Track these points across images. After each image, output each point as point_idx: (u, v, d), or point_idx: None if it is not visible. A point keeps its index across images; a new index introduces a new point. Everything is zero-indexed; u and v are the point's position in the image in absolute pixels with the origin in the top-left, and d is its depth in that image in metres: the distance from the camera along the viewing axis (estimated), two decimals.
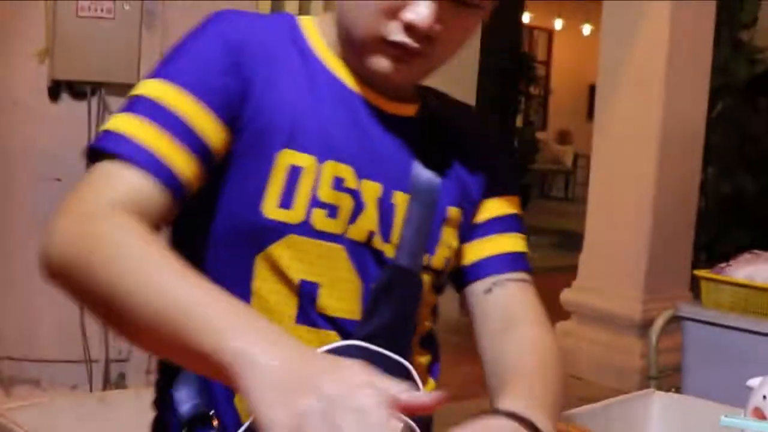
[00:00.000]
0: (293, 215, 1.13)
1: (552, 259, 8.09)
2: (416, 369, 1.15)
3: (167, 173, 1.06)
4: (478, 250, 1.31)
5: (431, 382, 1.26)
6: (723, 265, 3.34)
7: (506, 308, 1.30)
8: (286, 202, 1.13)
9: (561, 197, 13.52)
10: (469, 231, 1.30)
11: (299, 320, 1.14)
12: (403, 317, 1.21)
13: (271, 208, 1.13)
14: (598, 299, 5.11)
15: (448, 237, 1.26)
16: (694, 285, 3.87)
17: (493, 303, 1.30)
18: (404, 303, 1.20)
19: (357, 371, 0.85)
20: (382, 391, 0.82)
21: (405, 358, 1.15)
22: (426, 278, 1.24)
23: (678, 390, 3.20)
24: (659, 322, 3.39)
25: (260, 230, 1.13)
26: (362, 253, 1.17)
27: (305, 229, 1.14)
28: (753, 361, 3.05)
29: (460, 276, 1.32)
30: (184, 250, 1.15)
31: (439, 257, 1.24)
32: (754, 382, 1.41)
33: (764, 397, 1.37)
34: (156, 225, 1.05)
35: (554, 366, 1.24)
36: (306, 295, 1.14)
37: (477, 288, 1.31)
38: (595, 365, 5.03)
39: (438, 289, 1.29)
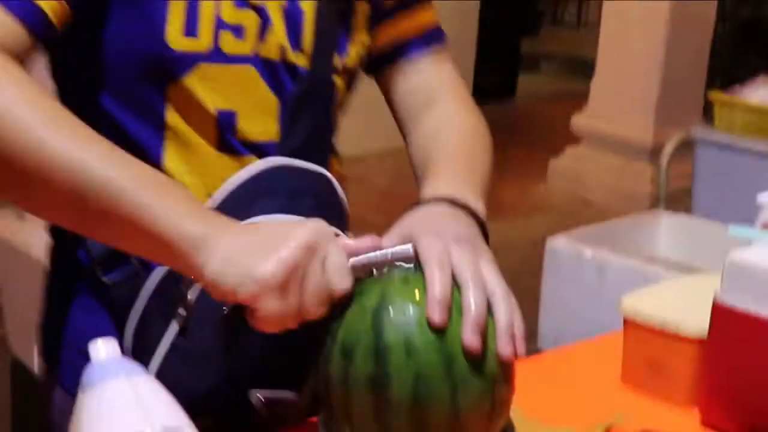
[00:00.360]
0: (201, 43, 1.07)
1: (564, 85, 8.01)
2: (336, 177, 1.15)
3: (29, 11, 0.97)
4: (386, 33, 1.25)
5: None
6: (738, 87, 3.30)
7: (423, 87, 1.26)
8: (191, 30, 1.06)
9: (573, 23, 13.26)
10: (375, 16, 1.24)
11: (219, 149, 1.10)
12: (320, 128, 1.18)
13: (176, 39, 1.06)
14: (609, 124, 5.09)
15: (360, 34, 1.21)
16: (707, 113, 3.83)
17: (409, 85, 1.26)
18: (320, 113, 1.17)
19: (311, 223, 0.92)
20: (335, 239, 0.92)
21: (325, 167, 1.15)
22: (340, 81, 1.19)
23: (687, 212, 3.21)
24: (671, 144, 3.38)
25: (169, 63, 1.07)
26: (275, 70, 1.12)
27: (215, 55, 1.08)
28: (764, 184, 3.05)
29: (372, 63, 1.26)
30: (81, 92, 1.10)
31: (352, 57, 1.20)
32: (764, 197, 1.39)
33: None
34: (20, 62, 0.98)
35: (479, 143, 1.23)
36: (224, 123, 1.10)
37: (391, 73, 1.27)
38: (605, 190, 5.05)
39: (350, 86, 1.24)
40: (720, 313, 1.09)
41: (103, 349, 0.70)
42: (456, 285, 0.92)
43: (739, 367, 1.10)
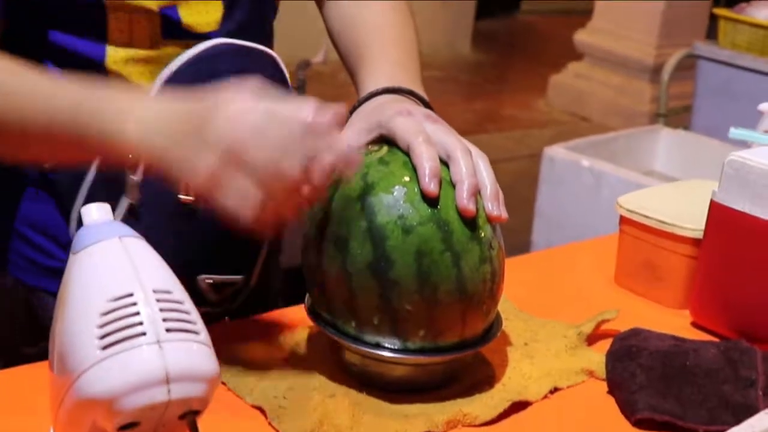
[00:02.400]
0: None
1: (568, 1, 7.91)
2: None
3: None
4: None
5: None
6: (743, 4, 3.27)
7: None
8: None
9: None
10: None
11: (165, 38, 1.07)
12: (260, 7, 1.14)
13: None
14: (611, 41, 5.04)
15: None
16: (711, 34, 3.80)
17: None
18: None
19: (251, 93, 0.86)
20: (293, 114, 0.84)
21: (269, 47, 1.11)
22: None
23: (686, 129, 3.20)
24: (674, 58, 3.36)
25: None
26: None
27: None
28: (764, 102, 3.04)
29: None
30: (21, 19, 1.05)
31: None
32: (765, 106, 1.38)
33: None
34: None
35: (402, 17, 1.19)
36: (167, 19, 1.06)
37: None
38: (604, 108, 5.03)
39: None
40: (717, 213, 1.09)
41: (95, 212, 0.69)
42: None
43: (732, 267, 1.10)
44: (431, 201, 0.89)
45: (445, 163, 0.93)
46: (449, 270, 0.89)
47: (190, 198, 0.96)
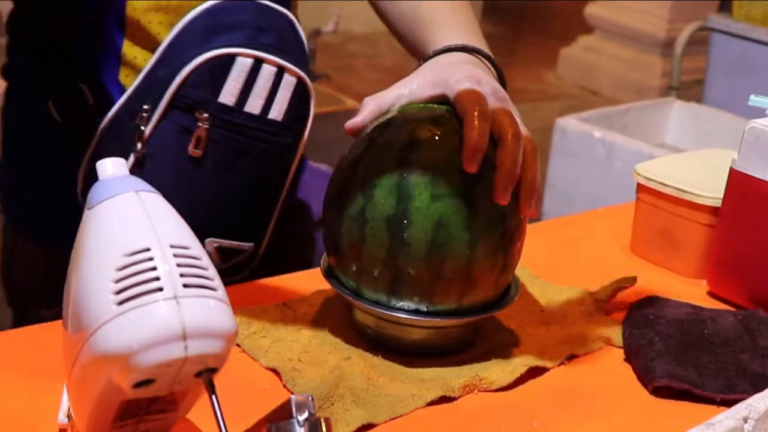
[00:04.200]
0: None
1: None
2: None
3: None
4: None
5: None
6: None
7: None
8: None
9: None
10: None
11: None
12: None
13: None
14: (623, 15, 5.00)
15: None
16: (723, 8, 3.77)
17: None
18: None
19: None
20: None
21: (287, 9, 1.11)
22: None
23: (698, 103, 3.18)
24: (687, 31, 3.33)
25: None
26: None
27: None
28: None
29: None
30: None
31: None
32: None
33: None
34: None
35: (464, 3, 1.15)
36: None
37: None
38: (615, 82, 5.00)
39: None
40: (736, 181, 1.08)
41: (110, 167, 0.68)
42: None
43: (750, 236, 1.08)
44: (468, 177, 0.86)
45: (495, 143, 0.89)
46: (462, 250, 0.87)
47: (199, 151, 0.96)
